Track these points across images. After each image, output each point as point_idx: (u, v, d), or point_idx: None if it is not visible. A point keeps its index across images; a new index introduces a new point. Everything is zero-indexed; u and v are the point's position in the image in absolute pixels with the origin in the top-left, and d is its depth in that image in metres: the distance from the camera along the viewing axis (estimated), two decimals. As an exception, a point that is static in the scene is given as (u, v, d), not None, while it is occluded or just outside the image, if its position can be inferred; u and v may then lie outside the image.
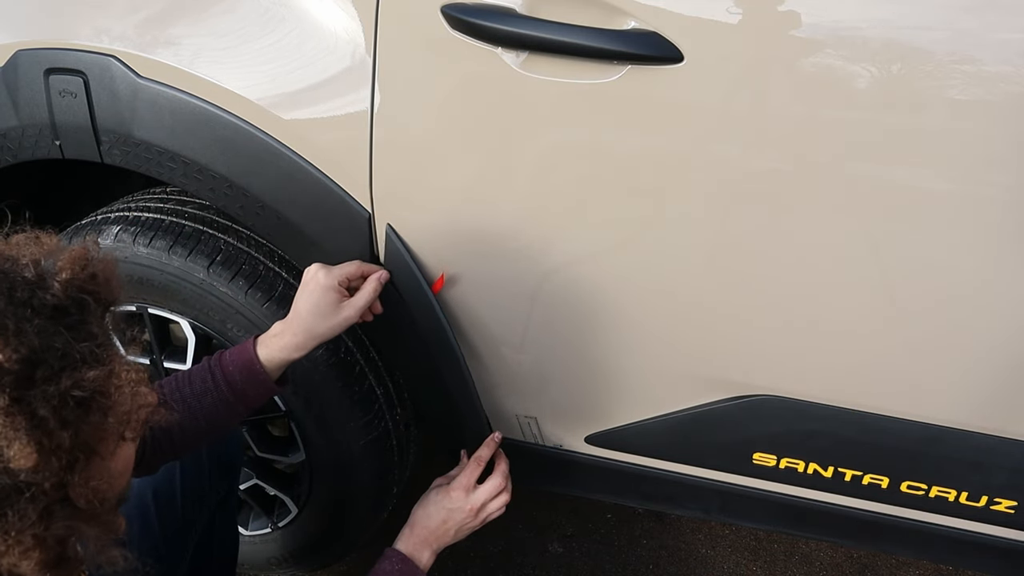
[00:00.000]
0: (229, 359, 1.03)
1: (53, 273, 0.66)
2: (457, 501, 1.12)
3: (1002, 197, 0.88)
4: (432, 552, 1.11)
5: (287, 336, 1.03)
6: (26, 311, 0.62)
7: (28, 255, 0.66)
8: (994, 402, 1.02)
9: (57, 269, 0.66)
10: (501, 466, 1.18)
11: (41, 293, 0.64)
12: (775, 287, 1.00)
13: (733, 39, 0.87)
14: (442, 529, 1.11)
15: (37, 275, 0.65)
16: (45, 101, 1.12)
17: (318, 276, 1.03)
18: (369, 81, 0.99)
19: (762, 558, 1.71)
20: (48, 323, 0.63)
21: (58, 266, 0.66)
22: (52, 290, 0.65)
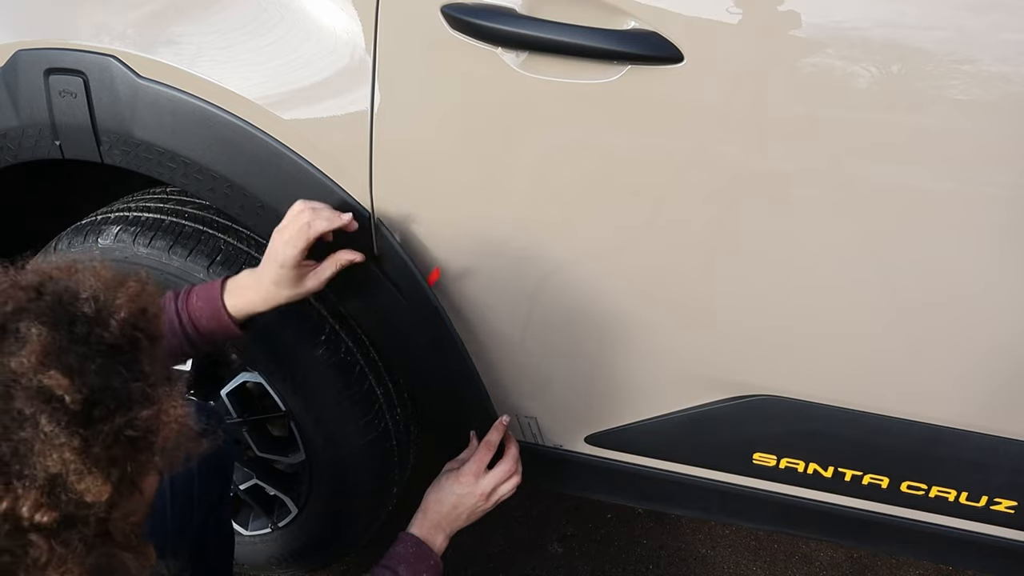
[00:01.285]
0: (197, 304, 1.04)
1: (111, 310, 0.66)
2: (467, 486, 1.13)
3: (1002, 197, 0.88)
4: (445, 536, 1.12)
5: (251, 294, 1.05)
6: (86, 349, 0.63)
7: (88, 289, 0.66)
8: (994, 402, 1.02)
9: (115, 307, 0.66)
10: (512, 450, 1.19)
11: (99, 330, 0.64)
12: (775, 287, 1.00)
13: (733, 39, 0.87)
14: (454, 514, 1.13)
15: (96, 311, 0.65)
16: (45, 101, 1.12)
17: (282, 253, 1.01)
18: (369, 81, 0.99)
19: (762, 558, 1.71)
20: (106, 361, 0.63)
21: (116, 304, 0.67)
22: (110, 328, 0.65)
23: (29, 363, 0.59)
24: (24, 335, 0.60)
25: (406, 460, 1.42)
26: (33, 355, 0.59)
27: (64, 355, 0.61)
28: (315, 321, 1.22)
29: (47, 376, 0.59)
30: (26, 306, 0.63)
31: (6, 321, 0.61)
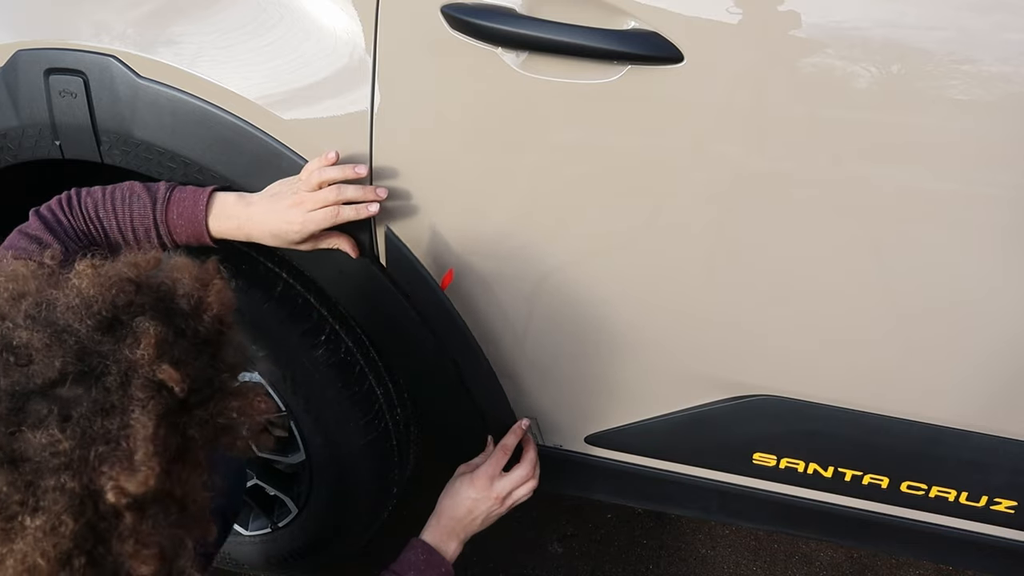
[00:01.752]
0: (177, 222, 1.00)
1: (203, 307, 0.71)
2: (482, 490, 1.12)
3: (1003, 198, 0.88)
4: (460, 542, 1.12)
5: (232, 228, 1.01)
6: (187, 343, 0.68)
7: (182, 284, 0.71)
8: (994, 402, 1.02)
9: (207, 304, 0.72)
10: (530, 454, 1.19)
11: (195, 324, 0.70)
12: (776, 287, 1.00)
13: (733, 39, 0.87)
14: (468, 518, 1.12)
15: (192, 307, 0.71)
16: (45, 101, 1.12)
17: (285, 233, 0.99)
18: (369, 81, 0.99)
19: (762, 558, 1.71)
20: (202, 353, 0.69)
21: (207, 301, 0.72)
22: (203, 323, 0.71)
23: (146, 356, 0.63)
24: (139, 329, 0.64)
25: (406, 460, 1.43)
26: (149, 348, 0.63)
27: (172, 348, 0.65)
28: (315, 321, 1.22)
29: (161, 369, 0.63)
30: (136, 300, 0.67)
31: (121, 314, 0.65)
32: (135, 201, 1.00)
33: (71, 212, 0.99)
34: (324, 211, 0.98)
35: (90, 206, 0.99)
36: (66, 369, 0.60)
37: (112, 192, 1.00)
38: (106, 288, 0.66)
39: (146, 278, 0.70)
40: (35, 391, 0.59)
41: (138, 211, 1.00)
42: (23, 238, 0.95)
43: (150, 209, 1.00)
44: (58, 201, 0.99)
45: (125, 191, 1.01)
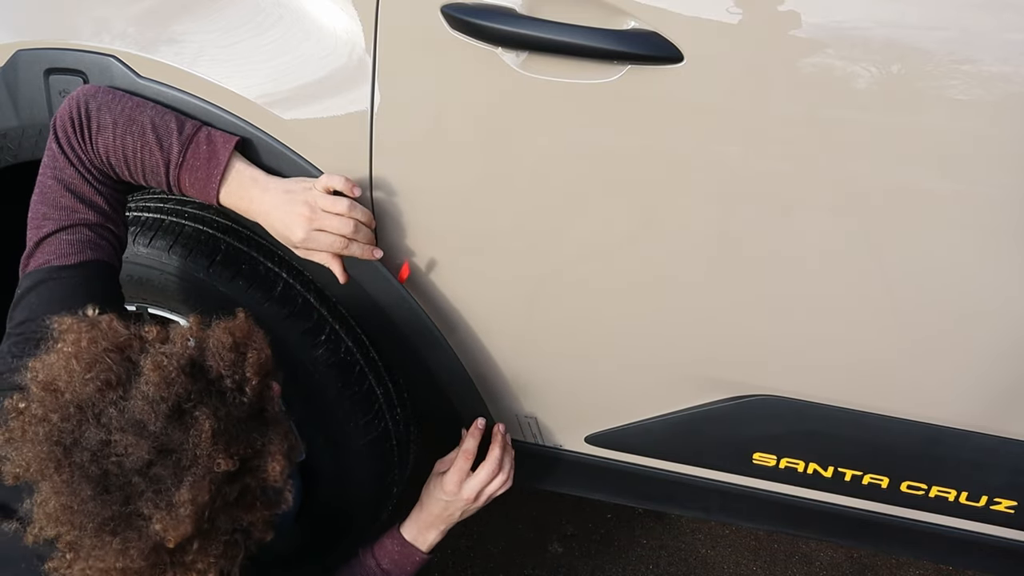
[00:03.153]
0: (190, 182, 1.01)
1: (245, 379, 0.81)
2: (452, 494, 1.17)
3: (1003, 197, 0.88)
4: (440, 532, 1.19)
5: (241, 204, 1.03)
6: (237, 423, 0.79)
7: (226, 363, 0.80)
8: (994, 402, 1.02)
9: (248, 378, 0.81)
10: (494, 451, 1.20)
11: (240, 397, 0.80)
12: (776, 286, 1.00)
13: (733, 39, 0.87)
14: (445, 515, 1.18)
15: (236, 384, 0.80)
16: (45, 101, 1.12)
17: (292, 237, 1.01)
18: (369, 81, 0.99)
19: (762, 558, 1.71)
20: (248, 424, 0.80)
21: (248, 375, 0.81)
22: (247, 395, 0.80)
23: (205, 448, 0.75)
24: (197, 420, 0.76)
25: (406, 460, 1.42)
26: (207, 440, 0.75)
27: (225, 436, 0.77)
28: (315, 321, 1.22)
29: (218, 460, 0.76)
30: (191, 389, 0.77)
31: (182, 403, 0.76)
32: (148, 156, 1.00)
33: (86, 152, 1.00)
34: (333, 238, 1.01)
35: (101, 148, 0.99)
36: (151, 458, 0.75)
37: (124, 137, 0.99)
38: (168, 383, 0.76)
39: (198, 361, 0.80)
40: (135, 470, 0.75)
41: (150, 167, 1.00)
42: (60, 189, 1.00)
43: (163, 170, 1.00)
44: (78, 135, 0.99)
45: (137, 140, 0.99)
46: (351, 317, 1.25)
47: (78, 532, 0.74)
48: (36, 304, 0.95)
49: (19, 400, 0.78)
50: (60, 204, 0.99)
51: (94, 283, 0.99)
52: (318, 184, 1.01)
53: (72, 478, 0.74)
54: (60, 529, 0.75)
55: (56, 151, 0.99)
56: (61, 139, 0.99)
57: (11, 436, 0.77)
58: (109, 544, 0.74)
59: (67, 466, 0.75)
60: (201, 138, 1.01)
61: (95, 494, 0.74)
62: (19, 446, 0.76)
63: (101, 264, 1.00)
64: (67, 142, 0.99)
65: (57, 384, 0.77)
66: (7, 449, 0.77)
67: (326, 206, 0.99)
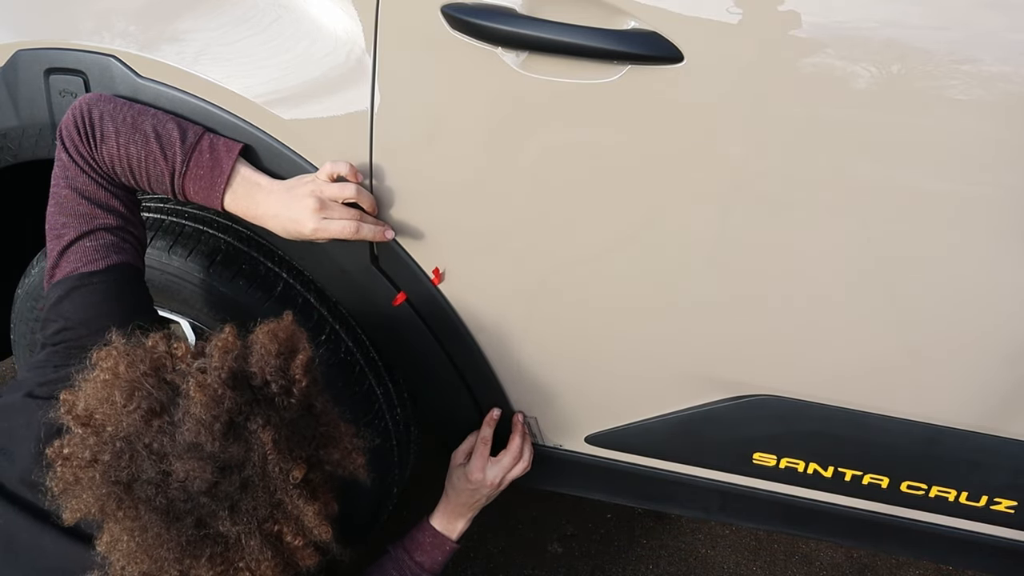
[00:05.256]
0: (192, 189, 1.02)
1: (292, 382, 0.81)
2: (477, 482, 1.22)
3: (1003, 197, 0.88)
4: (467, 520, 1.24)
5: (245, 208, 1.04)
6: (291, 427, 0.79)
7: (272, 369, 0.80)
8: (994, 402, 1.02)
9: (295, 380, 0.81)
10: (515, 439, 1.25)
11: (287, 399, 0.80)
12: (776, 286, 1.00)
13: (733, 39, 0.87)
14: (472, 501, 1.23)
15: (283, 388, 0.80)
16: (45, 101, 1.12)
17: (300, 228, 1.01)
18: (369, 81, 0.99)
19: (762, 558, 1.71)
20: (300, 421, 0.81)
21: (295, 377, 0.81)
22: (294, 396, 0.80)
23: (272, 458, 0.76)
24: (255, 433, 0.76)
25: (406, 460, 1.42)
26: (271, 450, 0.76)
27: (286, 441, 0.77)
28: (315, 321, 1.22)
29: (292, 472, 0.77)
30: (240, 401, 0.76)
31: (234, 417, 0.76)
32: (152, 165, 1.00)
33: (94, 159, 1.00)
34: (343, 223, 1.00)
35: (106, 157, 1.00)
36: (216, 479, 0.74)
37: (127, 146, 0.99)
38: (216, 400, 0.75)
39: (240, 372, 0.79)
40: (202, 492, 0.74)
41: (155, 175, 1.01)
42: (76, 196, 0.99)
43: (167, 178, 1.01)
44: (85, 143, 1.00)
45: (141, 149, 1.00)
46: (352, 317, 1.25)
47: (159, 564, 0.73)
48: (71, 311, 0.95)
49: (62, 446, 0.76)
50: (78, 212, 0.99)
51: (123, 286, 0.98)
52: (321, 174, 1.02)
53: (139, 514, 0.73)
54: (142, 567, 0.74)
55: (66, 160, 1.00)
56: (69, 148, 1.00)
57: (65, 485, 0.75)
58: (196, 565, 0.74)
59: (131, 503, 0.73)
60: (204, 146, 1.02)
61: (167, 525, 0.73)
62: (76, 492, 0.75)
63: (127, 266, 0.99)
64: (75, 150, 1.00)
65: (97, 419, 0.76)
66: (64, 498, 0.75)
67: (332, 194, 1.00)
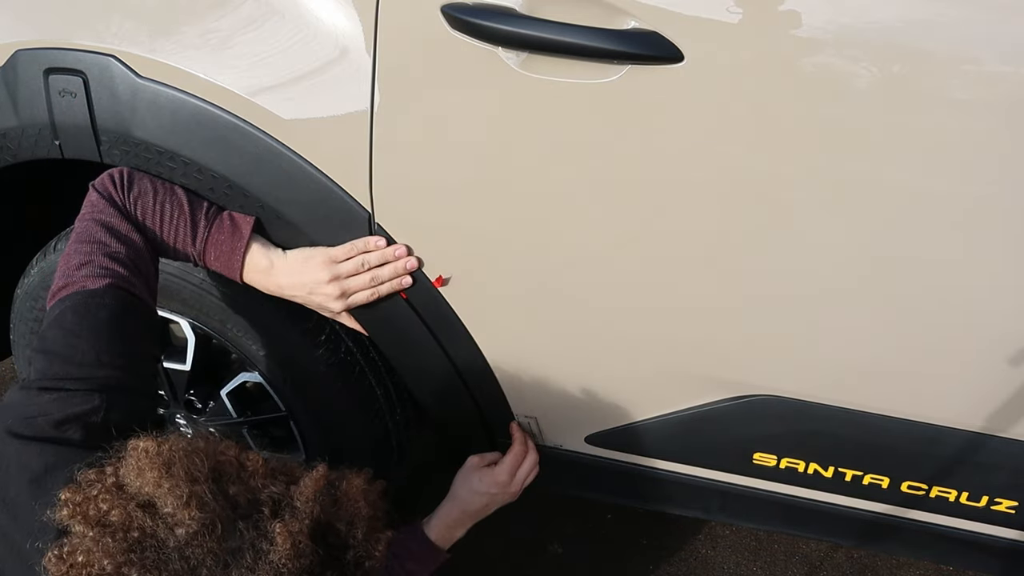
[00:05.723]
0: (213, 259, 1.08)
1: (368, 557, 0.73)
2: (504, 486, 1.20)
3: (1003, 197, 0.88)
4: (466, 529, 1.21)
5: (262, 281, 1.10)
6: None
7: (355, 527, 0.74)
8: (994, 402, 1.02)
9: (372, 555, 0.74)
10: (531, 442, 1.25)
11: (355, 572, 0.72)
12: (776, 286, 1.00)
13: (733, 39, 0.86)
14: (483, 510, 1.20)
15: (358, 559, 0.73)
16: (45, 101, 1.12)
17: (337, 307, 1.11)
18: (369, 81, 0.99)
19: (762, 558, 1.71)
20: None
21: (374, 552, 0.74)
22: (363, 571, 0.73)
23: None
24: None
25: (406, 460, 1.42)
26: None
27: None
28: (315, 321, 1.22)
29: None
30: (315, 561, 0.68)
31: None
32: (182, 225, 1.06)
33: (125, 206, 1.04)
34: (364, 294, 1.10)
35: (139, 211, 1.05)
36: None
37: (163, 204, 1.06)
38: (298, 555, 0.67)
39: (325, 523, 0.72)
40: None
41: (180, 240, 1.07)
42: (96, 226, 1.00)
43: (190, 244, 1.07)
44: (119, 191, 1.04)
45: (175, 209, 1.07)
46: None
47: None
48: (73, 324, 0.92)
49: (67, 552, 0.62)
50: (95, 239, 0.99)
51: (125, 317, 0.95)
52: (331, 254, 1.09)
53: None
54: None
55: (96, 198, 1.03)
56: (102, 192, 1.03)
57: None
58: None
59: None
60: (224, 216, 1.10)
61: None
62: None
63: (132, 296, 0.97)
64: (107, 194, 1.03)
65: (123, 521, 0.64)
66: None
67: (346, 270, 1.09)
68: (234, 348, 1.28)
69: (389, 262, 1.09)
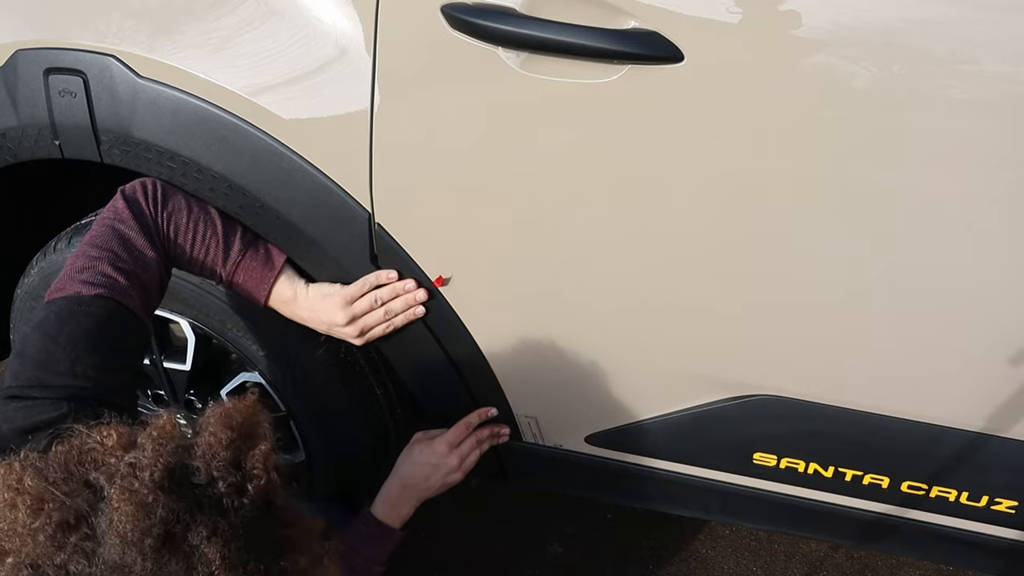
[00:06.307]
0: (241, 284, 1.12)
1: (249, 478, 0.66)
2: (442, 456, 1.20)
3: (1004, 197, 0.88)
4: (413, 505, 1.20)
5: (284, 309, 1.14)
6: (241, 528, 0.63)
7: (216, 458, 0.66)
8: (994, 402, 1.02)
9: (255, 472, 0.67)
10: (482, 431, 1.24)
11: (240, 499, 0.65)
12: (776, 286, 1.00)
13: (733, 39, 0.86)
14: (425, 484, 1.20)
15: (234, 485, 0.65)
16: (45, 101, 1.12)
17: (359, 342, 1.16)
18: (369, 81, 0.99)
19: (762, 558, 1.71)
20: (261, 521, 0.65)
21: (251, 471, 0.67)
22: (248, 496, 0.65)
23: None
24: (197, 548, 0.61)
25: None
26: (215, 568, 0.61)
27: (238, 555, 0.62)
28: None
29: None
30: (176, 507, 0.62)
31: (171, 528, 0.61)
32: (213, 245, 1.09)
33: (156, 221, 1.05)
34: (380, 328, 1.14)
35: (171, 227, 1.06)
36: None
37: (197, 223, 1.08)
38: (145, 509, 0.61)
39: (180, 468, 0.65)
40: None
41: (211, 256, 1.09)
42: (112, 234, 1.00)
43: (220, 262, 1.10)
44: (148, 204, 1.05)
45: (208, 229, 1.09)
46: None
47: None
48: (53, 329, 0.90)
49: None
50: (106, 246, 0.98)
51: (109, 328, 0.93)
52: (347, 295, 1.12)
53: None
54: None
55: (122, 206, 1.03)
56: (130, 200, 1.03)
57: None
58: None
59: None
60: (260, 244, 1.13)
61: None
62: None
63: (122, 308, 0.95)
64: (136, 205, 1.03)
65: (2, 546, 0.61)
66: None
67: (360, 309, 1.12)
68: (234, 348, 1.28)
69: (400, 295, 1.12)
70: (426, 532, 1.68)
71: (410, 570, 1.63)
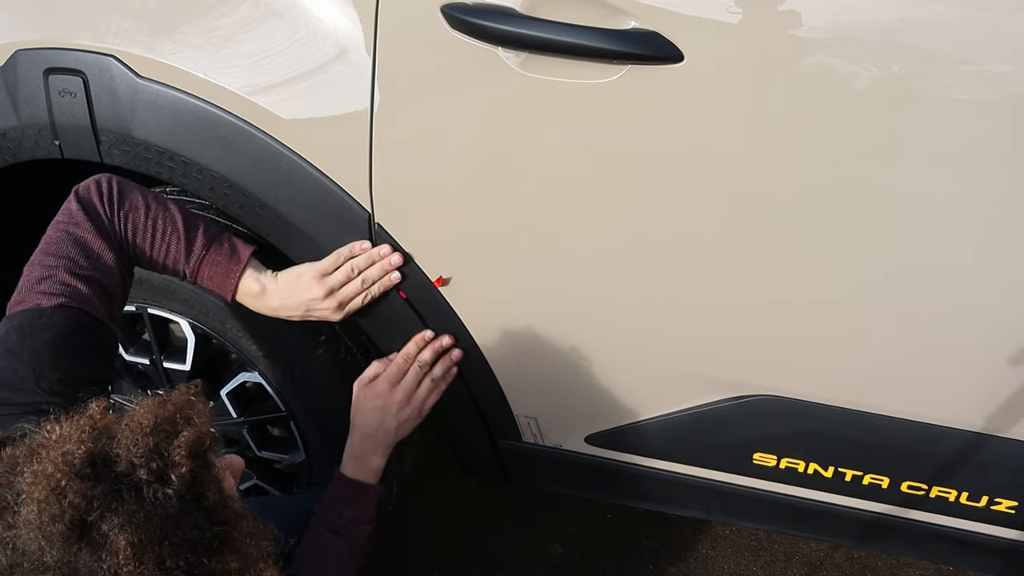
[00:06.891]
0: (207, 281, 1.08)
1: (170, 465, 0.63)
2: (385, 396, 1.14)
3: (1003, 197, 0.88)
4: (381, 455, 1.15)
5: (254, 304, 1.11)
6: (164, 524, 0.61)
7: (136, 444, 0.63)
8: (994, 402, 1.02)
9: (176, 460, 0.63)
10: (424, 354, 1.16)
11: (163, 489, 0.62)
12: (776, 287, 1.00)
13: (733, 39, 0.86)
14: (382, 431, 1.14)
15: (154, 473, 0.62)
16: (44, 101, 1.12)
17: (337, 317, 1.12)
18: (369, 81, 0.99)
19: (762, 558, 1.71)
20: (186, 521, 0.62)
21: (176, 457, 0.63)
22: (172, 486, 0.63)
23: (128, 569, 0.58)
24: (107, 536, 0.59)
25: (406, 459, 1.42)
26: (127, 559, 0.58)
27: (153, 546, 0.60)
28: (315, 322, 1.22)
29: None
30: (91, 494, 0.60)
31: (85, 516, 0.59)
32: (174, 243, 1.04)
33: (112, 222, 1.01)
34: (357, 299, 1.12)
35: (128, 226, 1.02)
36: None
37: (155, 220, 1.03)
38: (58, 493, 0.59)
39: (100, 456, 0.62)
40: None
41: (173, 253, 1.05)
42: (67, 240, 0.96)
43: (183, 258, 1.05)
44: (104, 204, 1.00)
45: (168, 226, 1.04)
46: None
47: None
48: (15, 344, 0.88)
49: None
50: (62, 252, 0.95)
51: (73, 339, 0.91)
52: (320, 268, 1.10)
53: None
54: None
55: (76, 209, 0.98)
56: (84, 202, 0.99)
57: None
58: None
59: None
60: (224, 238, 1.08)
61: None
62: None
63: (86, 317, 0.93)
64: (90, 206, 0.99)
65: None
66: None
67: (337, 281, 1.10)
68: (234, 348, 1.28)
69: (375, 262, 1.10)
70: (426, 532, 1.69)
71: (410, 570, 1.63)
